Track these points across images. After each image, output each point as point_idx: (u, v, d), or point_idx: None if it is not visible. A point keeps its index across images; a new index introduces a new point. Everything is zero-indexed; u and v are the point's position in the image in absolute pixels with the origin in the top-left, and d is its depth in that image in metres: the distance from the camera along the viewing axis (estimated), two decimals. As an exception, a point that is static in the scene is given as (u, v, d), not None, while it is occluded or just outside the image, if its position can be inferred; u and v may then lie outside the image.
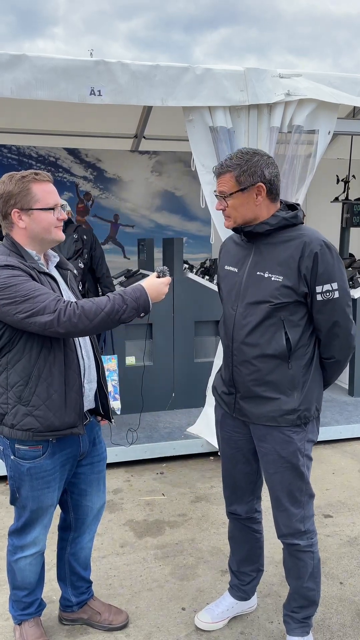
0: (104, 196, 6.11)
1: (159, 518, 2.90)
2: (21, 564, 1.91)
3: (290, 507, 1.83)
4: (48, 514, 1.87)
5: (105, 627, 2.08)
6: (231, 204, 1.74)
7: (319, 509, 2.96)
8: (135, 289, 1.72)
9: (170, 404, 4.18)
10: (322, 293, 1.70)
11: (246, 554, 2.08)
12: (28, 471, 1.77)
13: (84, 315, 1.61)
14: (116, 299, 1.66)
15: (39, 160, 5.84)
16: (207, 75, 3.14)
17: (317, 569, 1.90)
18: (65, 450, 1.82)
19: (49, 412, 1.73)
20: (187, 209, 6.39)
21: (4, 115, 4.57)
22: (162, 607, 2.21)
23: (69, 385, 1.76)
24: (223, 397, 1.92)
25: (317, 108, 3.31)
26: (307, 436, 1.81)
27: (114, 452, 3.42)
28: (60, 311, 1.60)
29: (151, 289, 1.74)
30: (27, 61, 2.86)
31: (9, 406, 1.73)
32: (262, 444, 1.83)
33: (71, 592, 2.08)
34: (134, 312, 1.69)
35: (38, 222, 1.72)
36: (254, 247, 1.79)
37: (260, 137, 3.29)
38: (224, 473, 2.01)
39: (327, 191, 6.01)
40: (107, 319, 1.64)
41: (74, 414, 1.77)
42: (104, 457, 2.02)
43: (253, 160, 1.71)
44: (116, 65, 2.99)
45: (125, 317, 1.67)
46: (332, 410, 4.17)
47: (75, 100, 2.96)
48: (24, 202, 1.70)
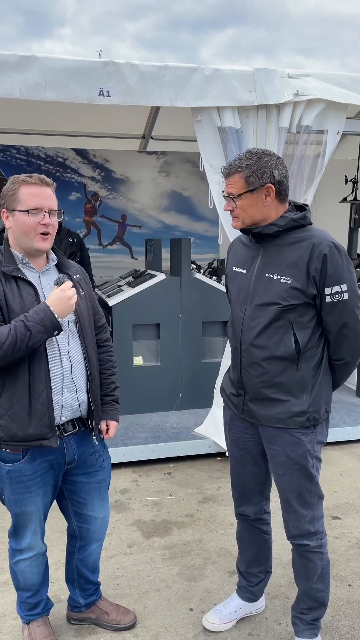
0: (111, 196, 6.12)
1: (167, 518, 2.90)
2: (21, 566, 1.91)
3: (299, 508, 1.82)
4: (34, 520, 1.84)
5: (113, 627, 2.08)
6: (240, 204, 1.72)
7: (327, 511, 2.95)
8: (38, 310, 1.64)
9: (177, 405, 4.18)
10: (331, 295, 1.69)
11: (254, 555, 2.08)
12: (7, 474, 1.75)
13: None
14: (18, 329, 1.60)
15: (47, 161, 5.86)
16: (216, 76, 3.14)
17: (326, 570, 1.89)
18: (47, 456, 1.78)
19: (12, 423, 1.68)
20: (195, 209, 6.39)
21: (13, 116, 4.59)
22: (169, 608, 2.21)
23: (34, 396, 1.69)
24: (232, 398, 1.91)
25: (326, 108, 3.30)
26: (316, 438, 1.80)
27: (122, 452, 3.43)
28: None
29: (55, 305, 1.65)
30: (37, 62, 2.88)
31: None
32: (271, 445, 1.83)
33: (79, 594, 2.08)
34: (41, 335, 1.62)
35: (18, 224, 1.70)
36: (262, 249, 1.78)
37: (269, 137, 3.28)
38: (233, 474, 2.01)
39: (336, 191, 5.98)
40: (11, 350, 1.59)
41: (40, 425, 1.70)
42: (105, 467, 1.95)
43: (262, 160, 1.69)
44: (125, 66, 3.00)
45: (32, 343, 1.61)
46: (340, 411, 4.16)
47: (84, 101, 2.97)
48: (9, 202, 1.71)
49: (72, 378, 1.77)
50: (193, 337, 4.16)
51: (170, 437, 3.65)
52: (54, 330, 1.65)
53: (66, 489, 1.93)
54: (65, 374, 1.75)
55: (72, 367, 1.77)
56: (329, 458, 3.62)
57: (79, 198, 6.00)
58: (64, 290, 1.68)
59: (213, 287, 4.15)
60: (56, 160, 5.88)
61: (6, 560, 2.53)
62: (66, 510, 1.98)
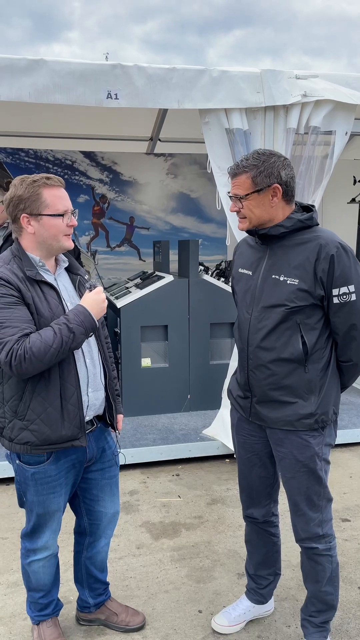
0: (119, 199, 6.13)
1: (175, 520, 2.90)
2: (34, 566, 1.91)
3: (308, 511, 1.81)
4: (55, 519, 1.86)
5: (122, 628, 2.08)
6: (246, 205, 1.72)
7: (337, 513, 2.93)
8: (77, 312, 1.67)
9: (185, 406, 4.18)
10: (339, 296, 1.68)
11: (263, 557, 2.07)
12: (33, 476, 1.76)
13: (34, 357, 1.58)
14: (62, 331, 1.62)
15: (56, 164, 5.89)
16: (224, 78, 3.14)
17: (335, 572, 1.88)
18: (70, 456, 1.81)
19: (45, 427, 1.70)
20: (203, 210, 6.38)
21: (22, 119, 4.62)
22: (178, 609, 2.21)
23: (65, 398, 1.72)
24: (239, 400, 1.91)
25: (334, 109, 3.29)
26: (325, 440, 1.79)
27: (130, 453, 3.43)
28: (13, 354, 1.57)
29: (91, 307, 1.69)
30: (45, 66, 2.89)
31: (6, 420, 1.73)
32: (279, 448, 1.82)
33: (88, 593, 2.09)
34: (83, 337, 1.66)
35: (47, 228, 1.69)
36: (269, 250, 1.78)
37: (277, 138, 3.27)
38: (241, 477, 2.00)
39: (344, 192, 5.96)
40: (58, 353, 1.61)
41: (73, 426, 1.73)
42: (116, 463, 1.99)
43: (270, 161, 1.69)
44: (133, 69, 3.01)
45: (75, 345, 1.65)
46: (349, 413, 4.14)
47: (93, 104, 2.98)
48: (33, 207, 1.67)
49: (94, 378, 1.81)
50: (201, 339, 4.16)
51: (178, 438, 3.65)
52: (91, 332, 1.69)
53: (79, 487, 1.94)
54: (90, 375, 1.80)
55: (94, 367, 1.82)
56: (338, 460, 3.60)
57: (87, 200, 6.02)
58: (99, 293, 1.72)
59: (221, 288, 4.14)
60: (64, 163, 5.91)
61: (15, 560, 2.54)
62: (78, 507, 1.99)
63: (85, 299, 1.71)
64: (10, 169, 5.76)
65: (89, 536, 2.02)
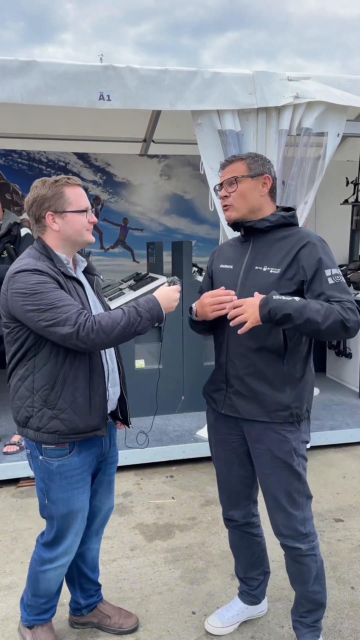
0: (113, 200, 6.13)
1: (169, 521, 2.90)
2: (49, 575, 1.88)
3: (289, 508, 1.81)
4: (79, 519, 1.85)
5: (116, 630, 2.08)
6: (239, 189, 1.78)
7: (330, 513, 2.94)
8: (148, 299, 1.75)
9: (179, 407, 4.18)
10: (332, 276, 1.70)
11: (250, 560, 2.07)
12: (57, 469, 1.77)
13: (102, 330, 1.63)
14: (131, 312, 1.69)
15: (49, 165, 5.88)
16: (216, 79, 3.15)
17: (321, 570, 1.88)
18: (91, 449, 1.84)
19: (75, 415, 1.74)
20: (196, 212, 6.39)
21: (15, 121, 4.61)
22: (172, 611, 2.21)
23: (93, 389, 1.77)
24: (213, 395, 1.92)
25: (326, 110, 3.31)
26: (301, 436, 1.81)
27: (124, 455, 3.42)
28: (80, 325, 1.61)
29: (163, 299, 1.77)
30: (37, 67, 2.89)
31: (34, 409, 1.74)
32: (256, 444, 1.82)
33: (80, 594, 2.08)
34: (149, 323, 1.72)
35: (72, 224, 1.75)
36: (252, 244, 1.83)
37: (269, 140, 3.29)
38: (220, 478, 2.00)
39: (337, 193, 5.98)
40: (123, 332, 1.67)
41: (98, 417, 1.79)
42: (116, 460, 2.03)
43: (261, 156, 1.84)
44: (125, 70, 3.01)
45: (140, 328, 1.70)
46: (342, 413, 4.15)
47: (85, 106, 2.98)
48: (57, 205, 1.73)
49: (112, 374, 1.87)
50: (195, 340, 4.16)
51: (172, 440, 3.65)
52: (157, 321, 1.74)
53: None
54: (109, 369, 1.85)
55: (112, 363, 1.87)
56: (331, 460, 3.62)
57: (80, 202, 6.01)
58: (175, 290, 1.81)
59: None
60: (57, 165, 5.90)
61: (9, 563, 2.53)
62: None
63: (159, 291, 1.79)
64: (3, 170, 5.75)
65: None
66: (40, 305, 1.61)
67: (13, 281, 1.66)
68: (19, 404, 1.76)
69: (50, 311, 1.61)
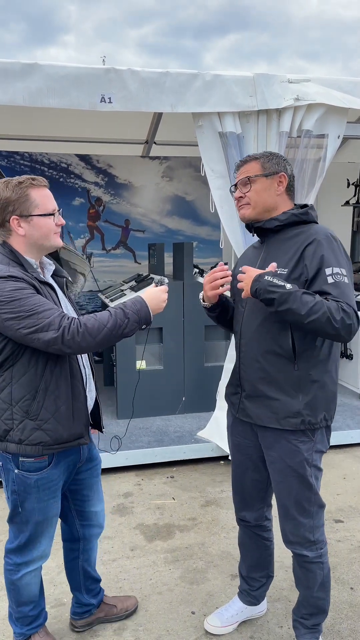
0: (115, 201, 6.15)
1: (169, 522, 2.90)
2: (26, 579, 1.85)
3: (298, 516, 1.80)
4: (53, 524, 1.84)
5: (123, 615, 2.16)
6: (254, 188, 1.77)
7: (330, 514, 2.95)
8: (135, 301, 1.70)
9: (180, 408, 4.19)
10: (333, 275, 1.63)
11: (256, 560, 2.08)
12: (35, 483, 1.74)
13: (87, 333, 1.59)
14: (117, 314, 1.65)
15: (51, 167, 5.90)
16: (217, 82, 3.16)
17: (327, 578, 1.87)
18: (68, 457, 1.81)
19: (58, 425, 1.70)
20: (198, 213, 6.40)
21: (17, 123, 4.63)
22: (171, 611, 2.22)
23: (75, 397, 1.74)
24: (231, 398, 1.93)
25: (327, 112, 3.32)
26: (315, 446, 1.76)
27: (125, 455, 3.44)
28: (65, 329, 1.56)
29: (150, 300, 1.72)
30: (39, 70, 2.91)
31: (14, 421, 1.68)
32: (269, 451, 1.81)
33: (88, 596, 2.09)
34: (136, 325, 1.68)
35: (38, 228, 1.68)
36: (266, 245, 1.83)
37: (270, 141, 3.30)
38: (234, 479, 2.00)
39: (338, 195, 5.99)
40: (110, 335, 1.62)
41: (81, 424, 1.76)
42: (100, 461, 2.02)
43: (277, 155, 1.82)
44: (126, 73, 3.02)
45: (127, 331, 1.66)
46: (343, 415, 4.15)
47: (86, 108, 3.00)
48: (23, 208, 1.66)
49: (88, 379, 1.84)
50: (196, 341, 4.17)
51: (173, 440, 3.65)
52: (144, 324, 1.71)
53: (69, 490, 1.93)
54: (86, 375, 1.83)
55: (86, 369, 1.84)
56: (332, 461, 3.62)
57: (82, 203, 6.03)
58: (162, 291, 1.77)
59: (215, 291, 4.15)
60: (60, 166, 5.92)
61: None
62: (67, 512, 1.97)
63: (146, 292, 1.75)
64: (6, 172, 5.76)
65: (83, 540, 2.01)
66: (20, 312, 1.55)
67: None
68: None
69: (31, 317, 1.55)
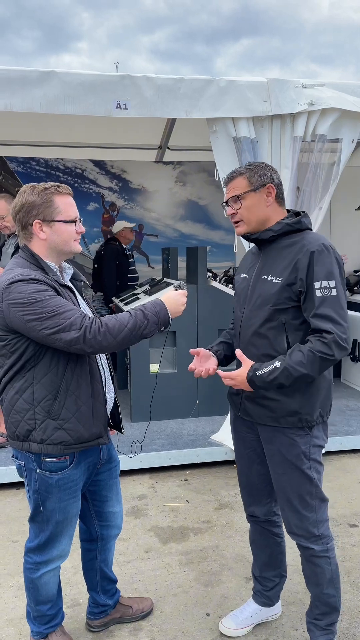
0: (128, 206, 6.20)
1: (184, 524, 2.92)
2: (45, 578, 1.88)
3: (301, 509, 1.83)
4: (73, 523, 1.86)
5: (139, 616, 2.17)
6: (244, 205, 1.81)
7: (345, 519, 2.94)
8: (154, 303, 1.74)
9: (194, 412, 4.20)
10: (321, 289, 1.69)
11: (268, 558, 2.09)
12: (57, 483, 1.76)
13: (109, 333, 1.62)
14: (137, 315, 1.68)
15: (66, 172, 5.97)
16: (231, 87, 3.19)
17: (335, 574, 1.89)
18: (88, 458, 1.84)
19: (79, 425, 1.73)
20: (211, 218, 6.44)
21: (33, 129, 4.70)
22: (186, 613, 2.23)
23: (94, 397, 1.77)
24: (232, 397, 1.98)
25: (341, 117, 3.33)
26: (312, 441, 1.82)
27: (139, 458, 3.46)
28: (86, 328, 1.60)
29: (169, 303, 1.76)
30: (56, 77, 2.96)
31: (36, 422, 1.70)
32: (268, 445, 1.86)
33: (104, 597, 2.11)
34: (155, 326, 1.71)
35: (59, 233, 1.72)
36: (262, 254, 1.87)
37: (284, 146, 3.32)
38: (240, 474, 2.04)
39: (352, 199, 5.98)
40: (130, 335, 1.66)
41: (100, 424, 1.79)
42: (119, 462, 2.04)
43: (261, 166, 1.84)
44: (141, 80, 3.07)
45: (147, 332, 1.69)
46: (357, 419, 4.13)
47: (102, 114, 3.04)
48: (46, 213, 1.70)
49: (107, 380, 1.88)
50: (209, 344, 4.17)
51: (187, 444, 3.67)
52: (163, 326, 1.74)
53: (88, 491, 1.96)
54: (105, 376, 1.86)
55: (105, 370, 1.88)
56: (346, 466, 3.61)
57: (97, 208, 6.09)
58: (182, 295, 1.81)
59: (229, 295, 4.17)
60: (74, 172, 5.99)
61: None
62: (87, 513, 2.00)
63: (166, 295, 1.78)
64: (22, 177, 5.85)
65: (101, 540, 2.03)
66: (42, 313, 1.58)
67: (8, 292, 1.61)
68: (18, 418, 1.71)
69: (53, 318, 1.58)
